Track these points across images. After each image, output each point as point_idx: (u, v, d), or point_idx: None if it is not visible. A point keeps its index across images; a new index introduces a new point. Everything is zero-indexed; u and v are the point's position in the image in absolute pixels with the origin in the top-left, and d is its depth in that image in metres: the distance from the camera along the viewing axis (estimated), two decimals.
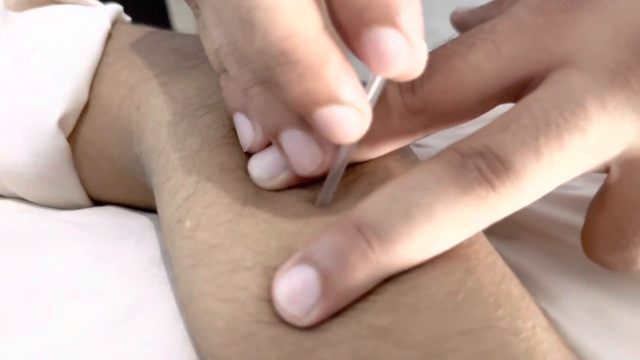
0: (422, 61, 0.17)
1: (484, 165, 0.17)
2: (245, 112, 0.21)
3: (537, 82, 0.19)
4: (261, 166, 0.20)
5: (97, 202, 0.28)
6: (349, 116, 0.17)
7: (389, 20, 0.16)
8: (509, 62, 0.19)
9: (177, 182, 0.21)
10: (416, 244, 0.17)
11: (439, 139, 0.33)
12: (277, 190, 0.21)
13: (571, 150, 0.17)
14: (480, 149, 0.17)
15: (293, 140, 0.19)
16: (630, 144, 0.18)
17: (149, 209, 0.27)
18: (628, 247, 0.20)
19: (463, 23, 0.28)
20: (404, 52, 0.16)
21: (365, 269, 0.17)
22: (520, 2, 0.20)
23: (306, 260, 0.17)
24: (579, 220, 0.22)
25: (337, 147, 0.19)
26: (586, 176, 0.20)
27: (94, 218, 0.26)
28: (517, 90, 0.20)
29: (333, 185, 0.20)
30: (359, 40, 0.16)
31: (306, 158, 0.19)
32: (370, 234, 0.17)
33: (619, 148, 0.18)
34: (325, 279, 0.17)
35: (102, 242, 0.23)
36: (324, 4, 0.17)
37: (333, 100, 0.16)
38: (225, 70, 0.22)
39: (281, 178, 0.20)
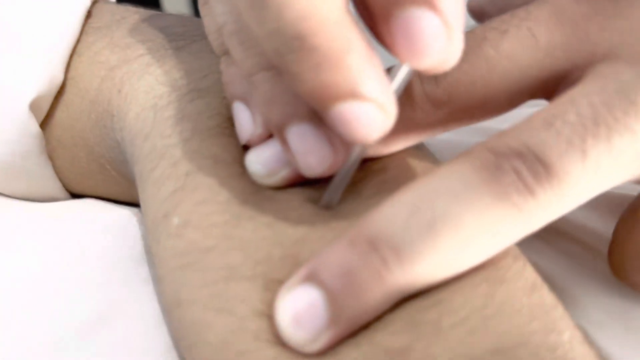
0: (458, 53, 0.15)
1: (524, 168, 0.15)
2: (246, 100, 0.19)
3: (576, 76, 0.17)
4: (260, 161, 0.18)
5: (74, 196, 0.26)
6: (371, 113, 0.14)
7: (428, 1, 0.14)
8: (547, 53, 0.17)
9: (164, 172, 0.19)
10: (441, 261, 0.15)
11: (459, 134, 0.31)
12: (278, 188, 0.18)
13: (620, 154, 0.15)
14: (519, 148, 0.15)
15: (301, 136, 0.17)
16: None
17: (131, 203, 0.25)
18: None
19: (482, 12, 0.26)
20: (441, 38, 0.14)
21: (379, 292, 0.15)
22: None
23: (312, 279, 0.15)
24: (601, 222, 0.20)
25: (350, 146, 0.17)
26: None
27: (69, 211, 0.23)
28: (553, 85, 0.18)
29: (342, 186, 0.17)
30: (388, 22, 0.14)
31: (315, 157, 0.17)
32: (386, 251, 0.15)
33: None
34: (334, 302, 0.15)
35: (76, 238, 0.21)
36: None
37: (354, 94, 0.14)
38: (226, 52, 0.19)
39: (281, 175, 0.18)
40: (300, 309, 0.15)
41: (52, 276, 0.20)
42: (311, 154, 0.17)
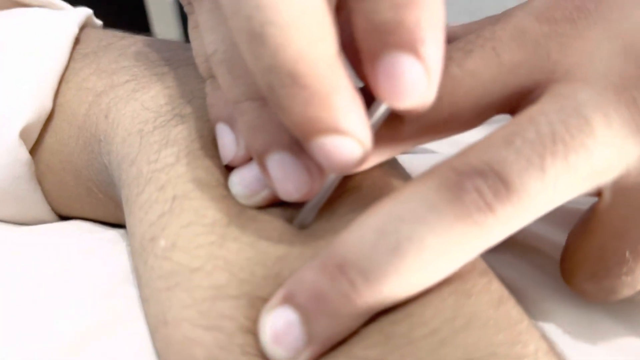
0: (434, 95, 0.16)
1: (485, 186, 0.16)
2: (229, 123, 0.19)
3: (537, 93, 0.18)
4: (242, 182, 0.19)
5: (63, 218, 0.27)
6: (350, 147, 0.15)
7: (413, 48, 0.15)
8: (510, 70, 0.18)
9: (151, 196, 0.20)
10: (406, 280, 0.16)
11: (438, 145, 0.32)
12: (262, 208, 0.19)
13: (577, 171, 0.16)
14: (480, 166, 0.16)
15: (281, 164, 0.17)
16: (630, 168, 0.17)
17: (118, 224, 0.25)
18: (608, 277, 0.19)
19: (454, 36, 0.27)
20: (421, 84, 0.15)
21: (350, 312, 0.16)
22: (523, 8, 0.19)
23: (288, 301, 0.16)
24: (560, 234, 0.21)
25: (326, 174, 0.18)
26: None
27: (56, 232, 0.24)
28: (516, 101, 0.18)
29: (316, 208, 0.18)
30: (374, 63, 0.15)
31: (293, 184, 0.17)
32: (354, 274, 0.16)
33: (618, 170, 0.17)
34: (309, 323, 0.16)
35: (62, 258, 0.22)
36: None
37: (336, 130, 0.15)
38: (212, 76, 0.20)
39: (262, 196, 0.19)
40: (279, 329, 0.16)
41: (37, 295, 0.20)
42: (289, 181, 0.17)
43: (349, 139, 0.15)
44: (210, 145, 0.21)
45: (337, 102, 0.15)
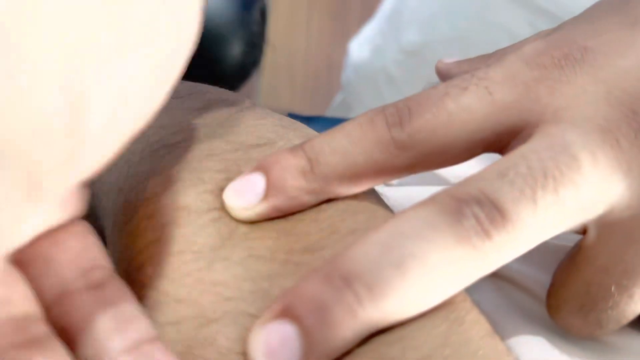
0: None
1: (482, 213, 0.17)
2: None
3: (526, 133, 0.19)
4: (238, 194, 0.19)
5: None
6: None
7: None
8: (501, 109, 0.19)
9: (140, 224, 0.20)
10: (410, 297, 0.16)
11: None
12: (254, 225, 0.19)
13: (565, 204, 0.17)
14: (477, 195, 0.17)
15: None
16: (614, 205, 0.18)
17: None
18: (594, 312, 0.19)
19: (448, 73, 0.28)
20: None
21: (352, 327, 0.16)
22: (514, 53, 0.20)
23: (287, 314, 0.16)
24: (543, 271, 0.22)
25: None
26: None
27: None
28: (506, 139, 0.19)
29: None
30: None
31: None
32: (359, 287, 0.16)
33: (603, 207, 0.18)
34: (307, 337, 0.16)
35: None
36: None
37: None
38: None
39: (260, 208, 0.19)
40: (273, 344, 0.16)
41: None
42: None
43: None
44: (196, 174, 0.21)
45: None
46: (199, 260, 0.18)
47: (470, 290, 0.19)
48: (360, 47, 0.69)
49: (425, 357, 0.16)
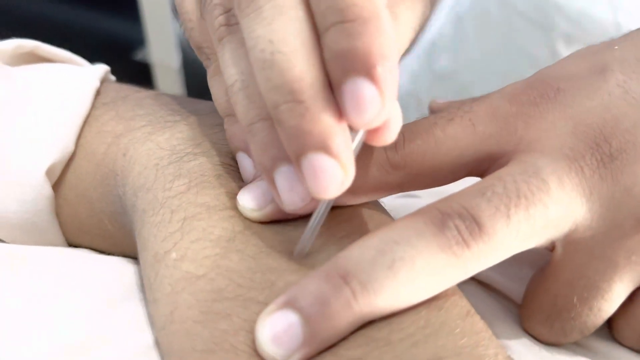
0: (394, 116, 0.20)
1: (463, 225, 0.19)
2: (247, 151, 0.23)
3: (504, 160, 0.22)
4: (250, 197, 0.22)
5: (71, 246, 0.29)
6: (334, 170, 0.18)
7: (367, 72, 0.18)
8: (482, 139, 0.22)
9: (164, 218, 0.23)
10: (397, 295, 0.19)
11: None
12: (264, 225, 0.22)
13: (535, 221, 0.20)
14: (459, 210, 0.20)
15: (287, 177, 0.20)
16: (578, 224, 0.21)
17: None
18: (558, 321, 0.22)
19: (439, 109, 0.32)
20: (376, 102, 0.18)
21: (347, 318, 0.18)
22: (497, 91, 0.23)
23: (290, 305, 0.19)
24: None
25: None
26: None
27: (65, 253, 0.26)
28: (486, 164, 0.22)
29: (312, 236, 0.21)
30: (340, 89, 0.18)
31: (298, 194, 0.20)
32: (355, 284, 0.18)
33: (568, 226, 0.21)
34: (309, 325, 0.18)
35: (70, 273, 0.24)
36: None
37: (323, 147, 0.18)
38: (229, 115, 0.24)
39: (267, 210, 0.22)
40: (278, 330, 0.18)
41: (41, 304, 0.22)
42: (295, 192, 0.20)
43: (334, 160, 0.18)
44: (219, 178, 0.24)
45: (326, 119, 0.18)
46: (215, 247, 0.21)
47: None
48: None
49: (409, 336, 0.19)
